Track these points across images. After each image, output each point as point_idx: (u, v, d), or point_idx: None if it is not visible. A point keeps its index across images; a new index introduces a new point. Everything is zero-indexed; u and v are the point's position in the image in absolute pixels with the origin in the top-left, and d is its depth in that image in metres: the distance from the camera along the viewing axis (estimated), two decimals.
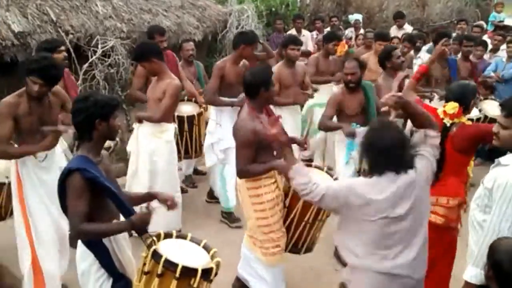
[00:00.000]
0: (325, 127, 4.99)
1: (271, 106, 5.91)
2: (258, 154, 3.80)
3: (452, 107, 3.53)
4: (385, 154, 2.72)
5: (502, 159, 2.81)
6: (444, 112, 3.57)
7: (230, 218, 5.46)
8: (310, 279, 4.59)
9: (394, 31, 9.32)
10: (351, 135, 4.70)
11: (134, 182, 4.93)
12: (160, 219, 4.42)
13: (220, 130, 5.32)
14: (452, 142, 3.50)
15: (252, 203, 3.87)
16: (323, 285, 4.52)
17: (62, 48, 4.90)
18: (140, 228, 2.81)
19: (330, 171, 4.25)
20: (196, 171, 6.65)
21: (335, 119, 5.04)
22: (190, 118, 5.59)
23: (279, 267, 4.04)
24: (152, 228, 2.91)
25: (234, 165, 4.07)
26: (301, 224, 3.87)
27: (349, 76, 4.89)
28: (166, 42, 5.90)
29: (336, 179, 3.99)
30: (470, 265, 2.83)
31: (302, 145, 4.22)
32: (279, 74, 5.60)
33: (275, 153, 3.85)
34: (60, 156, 4.11)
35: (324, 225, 4.06)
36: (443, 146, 3.30)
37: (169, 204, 3.10)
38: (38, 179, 3.81)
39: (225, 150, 5.28)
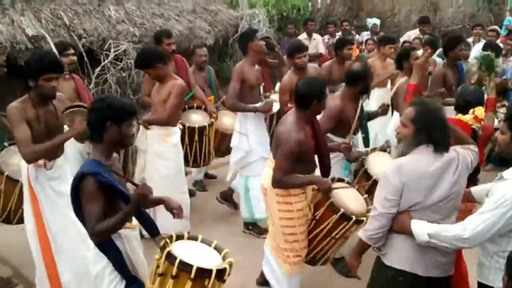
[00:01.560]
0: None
1: None
2: (297, 165, 3.72)
3: (481, 111, 3.54)
4: (440, 129, 2.78)
5: (505, 173, 2.73)
6: (476, 117, 3.60)
7: (256, 229, 5.34)
8: (320, 283, 4.56)
9: (413, 36, 9.08)
10: (355, 159, 4.44)
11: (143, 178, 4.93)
12: (169, 222, 4.46)
13: (245, 140, 5.22)
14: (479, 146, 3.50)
15: (279, 210, 3.82)
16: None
17: (70, 51, 4.90)
18: (144, 201, 2.77)
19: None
20: (207, 175, 6.66)
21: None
22: (201, 129, 5.46)
23: (297, 277, 4.01)
24: (161, 230, 2.92)
25: (258, 177, 4.06)
26: (326, 239, 3.83)
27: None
28: (174, 45, 5.84)
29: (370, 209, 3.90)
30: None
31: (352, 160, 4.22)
32: (291, 83, 5.20)
33: (317, 164, 3.86)
34: (72, 162, 4.07)
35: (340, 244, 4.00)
36: None
37: (176, 212, 3.07)
38: (53, 191, 3.73)
39: (251, 163, 5.21)
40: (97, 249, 2.86)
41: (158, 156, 4.86)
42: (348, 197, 3.83)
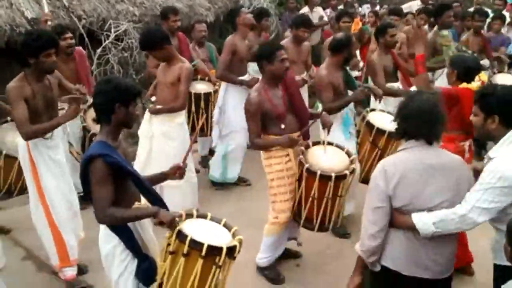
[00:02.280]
0: (334, 109, 4.65)
1: None
2: (266, 126, 3.98)
3: (485, 76, 3.65)
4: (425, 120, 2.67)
5: (490, 153, 2.74)
6: (482, 82, 3.66)
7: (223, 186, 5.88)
8: (333, 256, 4.59)
9: (415, 7, 9.01)
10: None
11: (148, 165, 4.94)
12: (177, 199, 4.63)
13: (222, 115, 5.65)
14: None
15: (268, 172, 4.05)
16: (342, 262, 4.53)
17: (68, 35, 4.99)
18: (161, 220, 2.79)
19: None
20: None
21: None
22: (207, 96, 5.67)
23: (272, 237, 4.15)
24: (170, 207, 2.95)
25: (239, 146, 4.29)
26: (322, 201, 3.90)
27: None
28: (179, 22, 5.94)
29: (353, 160, 4.01)
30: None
31: (327, 125, 4.16)
32: (286, 49, 5.59)
33: (282, 126, 3.97)
34: (60, 139, 4.17)
35: (339, 203, 4.04)
36: None
37: (179, 172, 3.18)
38: (49, 159, 3.93)
39: (229, 133, 5.60)
40: (108, 229, 2.89)
41: (164, 136, 4.86)
42: (327, 157, 3.95)
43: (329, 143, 4.13)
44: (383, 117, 4.66)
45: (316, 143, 4.09)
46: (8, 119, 4.51)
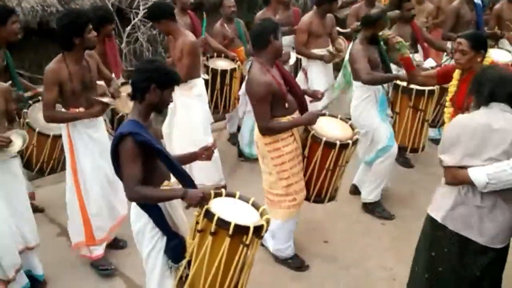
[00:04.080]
0: (375, 80, 4.60)
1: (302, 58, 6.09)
2: (275, 109, 3.81)
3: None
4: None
5: None
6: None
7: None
8: (358, 234, 4.64)
9: None
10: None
11: (170, 137, 5.07)
12: (204, 174, 4.81)
13: None
14: None
15: (271, 158, 3.90)
16: (370, 239, 4.57)
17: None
18: (190, 202, 2.84)
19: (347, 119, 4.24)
20: (239, 129, 6.68)
21: None
22: (232, 71, 5.70)
23: (291, 222, 4.11)
24: (197, 183, 3.00)
25: None
26: (322, 172, 3.92)
27: None
28: None
29: (357, 132, 4.02)
30: None
31: (315, 96, 4.22)
32: (310, 23, 5.65)
33: (287, 105, 3.89)
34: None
35: (337, 174, 4.05)
36: None
37: (207, 154, 3.23)
38: (89, 137, 3.94)
39: None
40: (138, 207, 2.96)
41: (184, 108, 4.94)
42: (332, 126, 3.96)
43: (334, 116, 4.17)
44: None
45: (321, 115, 4.07)
46: (40, 98, 4.60)
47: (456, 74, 3.89)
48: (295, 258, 4.23)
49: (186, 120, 4.94)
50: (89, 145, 3.95)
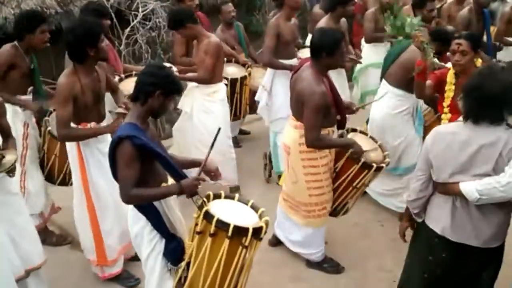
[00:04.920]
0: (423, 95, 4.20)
1: None
2: (323, 119, 3.70)
3: None
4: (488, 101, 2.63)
5: None
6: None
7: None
8: (356, 235, 4.64)
9: None
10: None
11: (186, 136, 5.04)
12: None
13: (266, 96, 5.28)
14: None
15: (303, 167, 3.86)
16: (369, 241, 4.57)
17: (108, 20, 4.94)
18: (189, 191, 2.87)
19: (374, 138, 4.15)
20: (241, 131, 6.70)
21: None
22: (242, 79, 5.62)
23: (322, 229, 4.13)
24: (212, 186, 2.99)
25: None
26: (348, 189, 3.92)
27: None
28: (197, 0, 5.85)
29: (387, 155, 3.96)
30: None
31: (350, 108, 4.09)
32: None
33: (338, 117, 3.86)
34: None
35: (359, 193, 4.08)
36: None
37: (213, 175, 3.15)
38: (99, 152, 3.79)
39: (278, 120, 5.17)
40: (135, 210, 2.96)
41: (205, 112, 4.93)
42: (364, 145, 3.88)
43: (364, 133, 4.14)
44: None
45: (352, 130, 4.08)
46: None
47: (450, 77, 3.84)
48: (330, 262, 4.22)
49: (207, 123, 4.89)
50: (101, 160, 3.76)
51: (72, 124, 3.69)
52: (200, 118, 4.95)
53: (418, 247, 3.10)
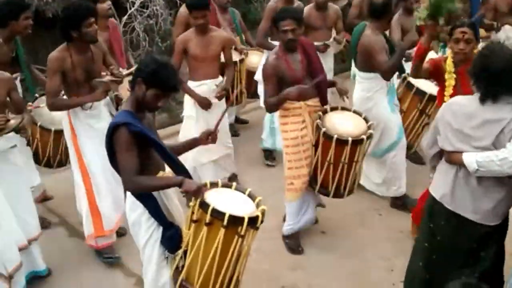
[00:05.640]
0: (394, 66, 4.43)
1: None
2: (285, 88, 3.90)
3: None
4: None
5: None
6: None
7: (270, 157, 5.76)
8: (356, 224, 4.64)
9: None
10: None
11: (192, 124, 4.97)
12: (215, 170, 4.87)
13: None
14: None
15: (282, 138, 4.11)
16: (367, 230, 4.57)
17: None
18: (187, 190, 2.81)
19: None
20: (238, 120, 6.67)
21: None
22: (240, 62, 5.60)
23: (292, 204, 4.19)
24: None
25: None
26: (338, 167, 3.93)
27: None
28: None
29: (371, 125, 3.99)
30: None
31: (343, 92, 4.20)
32: (308, 15, 5.51)
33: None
34: (104, 106, 4.15)
35: (355, 169, 4.05)
36: None
37: (212, 137, 3.20)
38: (90, 128, 3.94)
39: None
40: (133, 198, 2.95)
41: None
42: (344, 121, 3.96)
43: (347, 109, 4.14)
44: (426, 82, 4.67)
45: (334, 109, 4.09)
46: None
47: (449, 66, 3.81)
48: (291, 238, 4.29)
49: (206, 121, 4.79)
50: (91, 135, 3.92)
51: (65, 98, 3.94)
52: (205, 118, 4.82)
53: (423, 217, 3.20)
